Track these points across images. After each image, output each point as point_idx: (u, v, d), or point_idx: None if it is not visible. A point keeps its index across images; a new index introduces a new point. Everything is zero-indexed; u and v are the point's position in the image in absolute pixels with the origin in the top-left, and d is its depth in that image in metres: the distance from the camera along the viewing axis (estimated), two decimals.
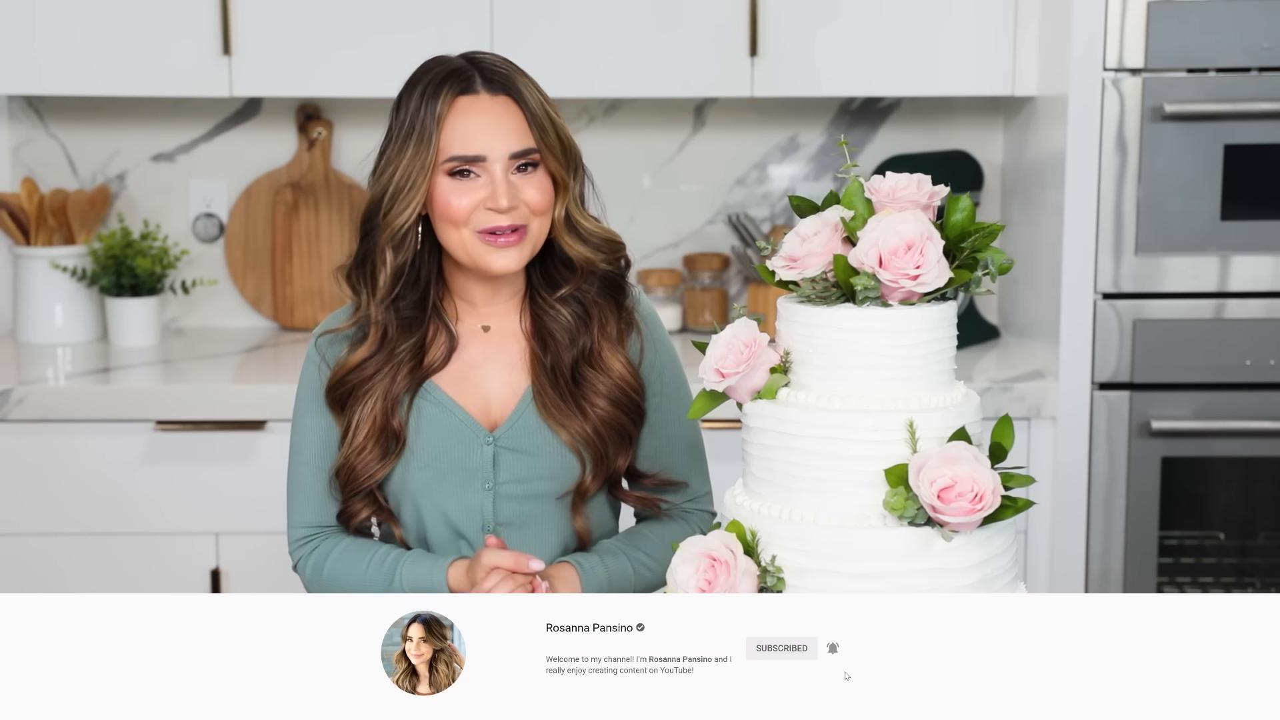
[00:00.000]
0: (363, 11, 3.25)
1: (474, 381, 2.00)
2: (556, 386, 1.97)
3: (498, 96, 1.93)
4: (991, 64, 3.27)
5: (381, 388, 1.96)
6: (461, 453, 1.97)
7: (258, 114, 3.63)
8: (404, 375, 1.97)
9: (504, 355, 2.01)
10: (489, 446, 1.97)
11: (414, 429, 1.97)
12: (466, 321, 2.02)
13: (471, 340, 2.02)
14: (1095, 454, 3.08)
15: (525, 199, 1.93)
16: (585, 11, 3.25)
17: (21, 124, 3.61)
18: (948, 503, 1.51)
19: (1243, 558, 3.15)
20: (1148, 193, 3.03)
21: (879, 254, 1.56)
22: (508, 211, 1.91)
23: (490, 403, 1.99)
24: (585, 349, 1.99)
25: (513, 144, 1.92)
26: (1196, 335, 3.06)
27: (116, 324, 3.45)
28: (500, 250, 1.93)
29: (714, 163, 3.64)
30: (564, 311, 2.00)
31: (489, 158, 1.91)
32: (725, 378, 1.62)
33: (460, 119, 1.91)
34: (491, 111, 1.92)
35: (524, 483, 1.97)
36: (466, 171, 1.92)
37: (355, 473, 1.96)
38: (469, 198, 1.91)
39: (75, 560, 3.10)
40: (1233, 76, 3.00)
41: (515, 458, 1.97)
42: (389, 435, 1.96)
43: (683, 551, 1.59)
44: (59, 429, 3.07)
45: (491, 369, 2.00)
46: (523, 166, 1.93)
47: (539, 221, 1.95)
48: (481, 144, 1.91)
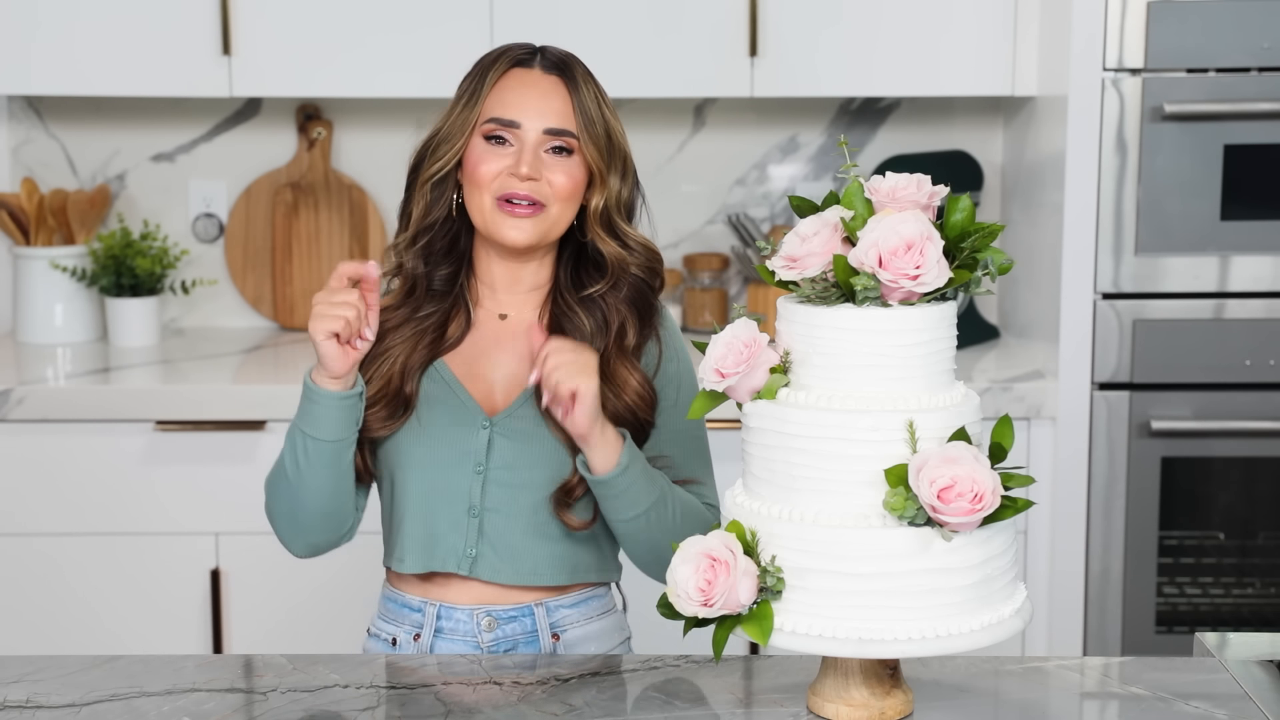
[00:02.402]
0: (363, 12, 3.25)
1: (482, 367, 2.00)
2: None
3: (550, 75, 1.97)
4: (991, 64, 3.27)
5: (403, 351, 1.97)
6: (458, 433, 1.97)
7: (257, 114, 3.63)
8: (425, 345, 1.98)
9: (516, 345, 2.01)
10: (485, 430, 1.97)
11: (418, 404, 1.98)
12: (486, 307, 2.03)
13: (487, 326, 2.02)
14: (1095, 454, 3.08)
15: (550, 178, 1.94)
16: (585, 11, 3.25)
17: (21, 124, 3.61)
18: (948, 503, 1.51)
19: (1243, 558, 3.15)
20: (1148, 193, 3.03)
21: (879, 254, 1.56)
22: (526, 181, 1.92)
23: (494, 389, 2.00)
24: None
25: (550, 120, 1.94)
26: (1196, 335, 3.06)
27: (116, 324, 3.45)
28: (514, 220, 1.93)
29: (714, 163, 3.64)
30: (583, 317, 1.99)
31: (523, 125, 1.94)
32: (725, 378, 1.62)
33: (508, 86, 1.96)
34: (539, 86, 1.96)
35: (514, 470, 1.97)
36: (501, 138, 1.94)
37: (364, 424, 1.96)
38: (497, 163, 1.94)
39: (75, 560, 3.10)
40: (1233, 76, 3.00)
41: (510, 444, 1.97)
42: (400, 400, 1.97)
43: (683, 551, 1.59)
44: (59, 429, 3.07)
45: (501, 357, 2.01)
46: (558, 149, 1.95)
47: (560, 206, 1.95)
48: (519, 111, 1.94)
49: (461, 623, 1.98)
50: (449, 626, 1.98)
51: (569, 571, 2.00)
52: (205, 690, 1.77)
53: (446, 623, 1.98)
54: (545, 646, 1.99)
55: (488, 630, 1.98)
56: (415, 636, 2.00)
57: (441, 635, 1.98)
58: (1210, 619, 3.14)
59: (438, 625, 1.99)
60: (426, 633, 1.99)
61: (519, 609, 1.98)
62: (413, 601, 2.01)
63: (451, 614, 1.98)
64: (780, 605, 1.58)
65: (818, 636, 1.56)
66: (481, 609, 1.98)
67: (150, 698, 1.75)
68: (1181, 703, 1.73)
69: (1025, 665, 1.86)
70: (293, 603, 3.11)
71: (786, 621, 1.57)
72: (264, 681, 1.81)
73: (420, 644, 1.99)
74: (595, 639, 2.02)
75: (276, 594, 3.11)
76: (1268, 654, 1.87)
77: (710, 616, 1.58)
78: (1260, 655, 1.86)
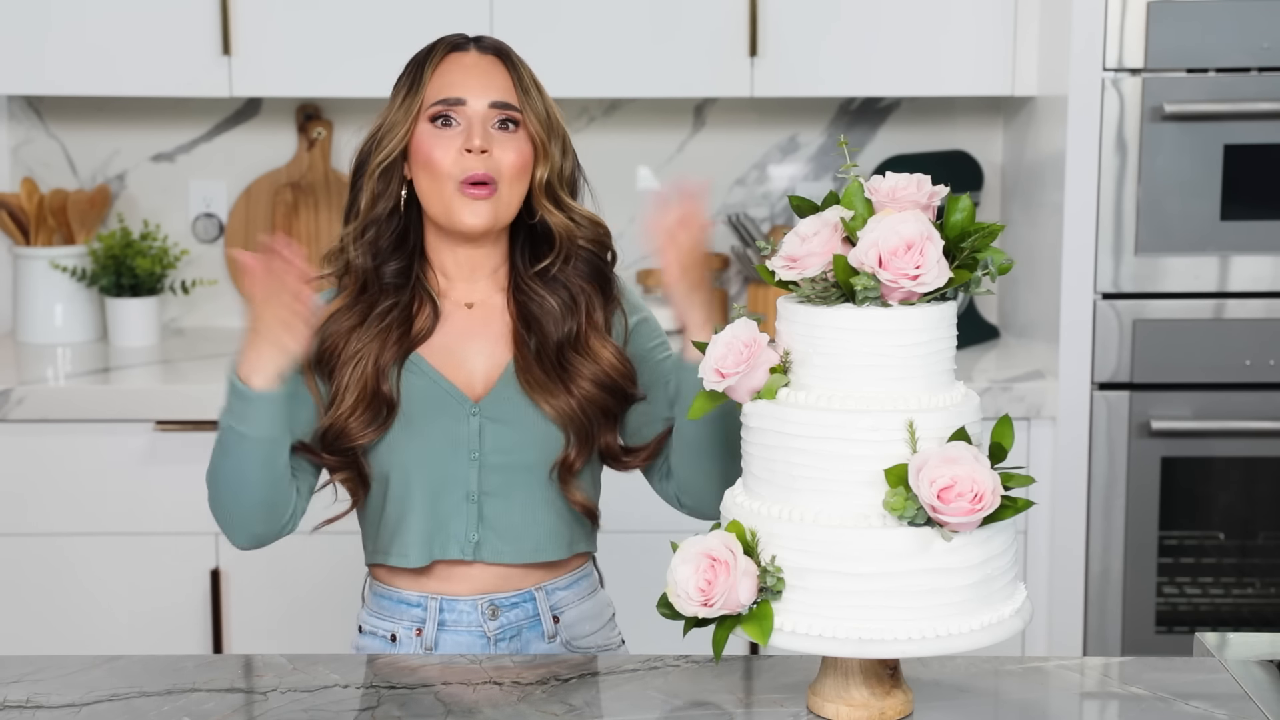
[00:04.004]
0: (363, 12, 3.25)
1: (458, 356, 2.01)
2: (542, 365, 1.99)
3: (486, 55, 2.02)
4: (991, 64, 3.27)
5: (372, 353, 1.97)
6: (448, 423, 1.98)
7: (257, 114, 3.63)
8: (393, 342, 1.98)
9: (488, 330, 2.02)
10: (475, 417, 1.98)
11: (402, 400, 1.98)
12: (450, 298, 2.04)
13: (455, 316, 2.03)
14: (1095, 454, 3.08)
15: (499, 155, 1.96)
16: (585, 11, 3.25)
17: (21, 124, 3.61)
18: (948, 503, 1.51)
19: (1243, 558, 3.15)
20: (1147, 193, 3.03)
21: (879, 254, 1.56)
22: (481, 155, 1.94)
23: (474, 376, 2.01)
24: (571, 334, 2.00)
25: (494, 93, 1.98)
26: (1196, 335, 3.06)
27: (116, 324, 3.45)
28: (473, 203, 1.95)
29: (714, 163, 3.64)
30: (549, 298, 2.01)
31: (469, 101, 1.97)
32: (725, 378, 1.62)
33: (448, 70, 2.00)
34: (479, 65, 2.00)
35: (508, 453, 1.98)
36: (448, 118, 1.97)
37: (346, 434, 1.96)
38: (449, 145, 1.96)
39: (75, 560, 3.10)
40: (1233, 76, 3.00)
41: (499, 428, 1.98)
42: (380, 401, 1.96)
43: (682, 552, 1.60)
44: (59, 429, 3.07)
45: (475, 344, 2.02)
46: (503, 123, 1.98)
47: (509, 186, 1.97)
48: (464, 89, 1.98)
49: (465, 613, 2.00)
50: (452, 619, 2.00)
51: (566, 545, 2.02)
52: (205, 690, 1.77)
53: (450, 615, 2.00)
54: (548, 629, 2.02)
55: (492, 618, 1.99)
56: (417, 631, 2.00)
57: (445, 628, 2.00)
58: (1210, 619, 3.14)
59: (441, 618, 2.00)
60: (430, 627, 2.00)
61: (520, 595, 2.01)
62: (410, 597, 2.01)
63: (454, 606, 2.00)
64: (780, 605, 1.58)
65: (818, 636, 1.56)
66: (484, 598, 2.00)
67: (150, 698, 1.75)
68: (1181, 703, 1.73)
69: (1025, 665, 1.86)
70: (293, 603, 3.11)
71: (786, 621, 1.57)
72: (264, 681, 1.81)
73: (424, 638, 2.00)
74: (590, 618, 2.07)
75: (276, 594, 3.11)
76: (1268, 654, 1.87)
77: (710, 616, 1.58)
78: (1260, 655, 1.86)
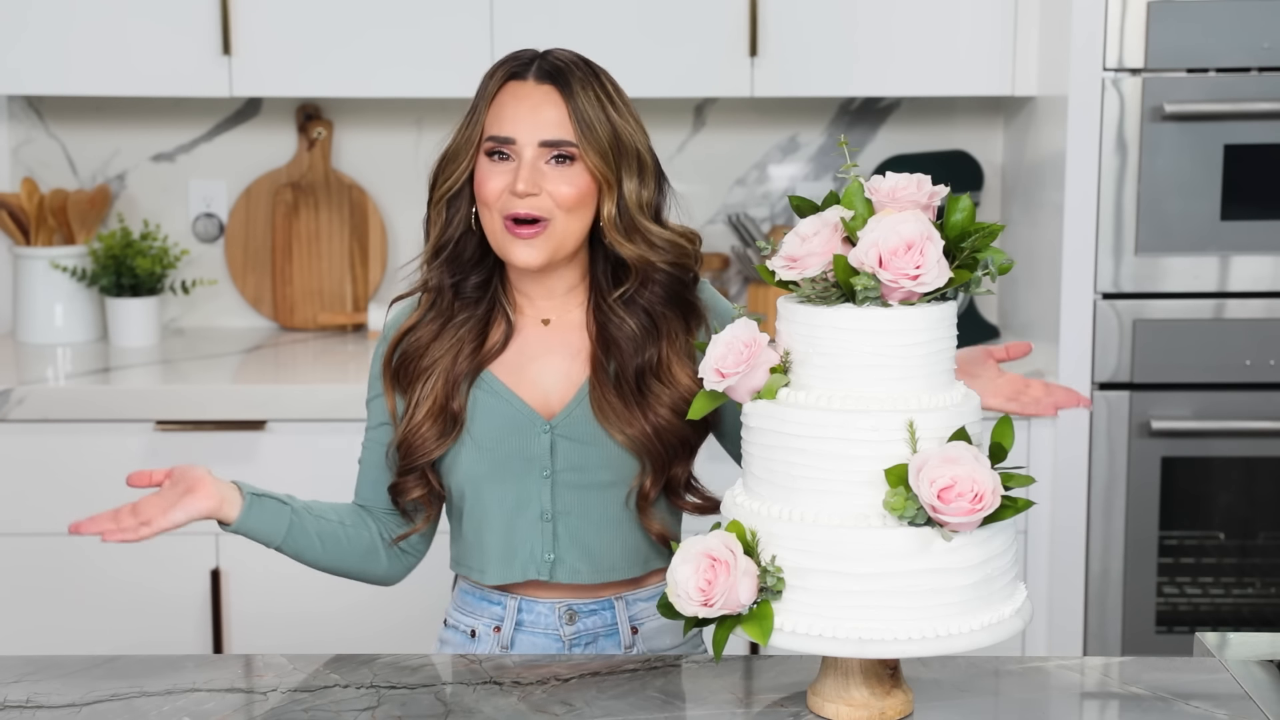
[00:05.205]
0: (362, 11, 3.25)
1: (531, 373, 1.99)
2: (619, 392, 1.95)
3: (543, 85, 1.94)
4: (991, 64, 3.27)
5: (443, 367, 1.97)
6: (520, 441, 1.97)
7: (257, 114, 3.63)
8: (465, 356, 1.97)
9: (564, 347, 2.00)
10: (546, 434, 1.96)
11: (471, 417, 1.97)
12: (527, 313, 2.02)
13: (531, 332, 2.01)
14: (1095, 454, 3.08)
15: (551, 190, 1.91)
16: (585, 11, 3.25)
17: (21, 124, 3.61)
18: (948, 503, 1.51)
19: (1243, 558, 3.15)
20: (1147, 193, 3.03)
21: (879, 254, 1.56)
22: (525, 198, 1.90)
23: (549, 394, 1.99)
24: (652, 362, 1.96)
25: (544, 132, 1.92)
26: (1196, 335, 3.06)
27: (116, 324, 3.45)
28: (521, 242, 1.92)
29: (714, 163, 3.64)
30: (629, 321, 1.97)
31: (518, 141, 1.92)
32: (725, 378, 1.62)
33: (503, 101, 1.94)
34: (532, 98, 1.93)
35: (581, 471, 1.97)
36: (502, 154, 1.93)
37: (412, 449, 1.97)
38: (499, 180, 1.92)
39: (76, 560, 3.09)
40: (1233, 76, 3.00)
41: (573, 446, 1.96)
42: (448, 416, 1.96)
43: (683, 552, 1.60)
44: (59, 429, 3.07)
45: (550, 360, 2.00)
46: (559, 159, 1.93)
47: (566, 217, 1.92)
48: (513, 127, 1.92)
49: (543, 615, 1.99)
50: (530, 620, 1.99)
51: (642, 562, 2.01)
52: (205, 690, 1.77)
53: (528, 615, 1.99)
54: (625, 639, 2.00)
55: (569, 623, 1.99)
56: (495, 629, 2.01)
57: (522, 629, 2.00)
58: (1210, 619, 3.14)
59: (519, 619, 2.00)
60: (507, 625, 2.00)
61: (599, 602, 2.00)
62: (492, 595, 2.01)
63: (533, 607, 1.99)
64: (780, 605, 1.58)
65: (818, 636, 1.56)
66: (563, 603, 1.99)
67: (150, 698, 1.75)
68: (1181, 703, 1.73)
69: (1025, 665, 1.86)
70: (293, 602, 3.11)
71: (786, 621, 1.57)
72: (264, 681, 1.81)
73: (501, 636, 2.00)
74: (672, 630, 2.03)
75: (276, 594, 3.11)
76: (1268, 654, 1.87)
77: (710, 616, 1.58)
78: (1260, 655, 1.86)
